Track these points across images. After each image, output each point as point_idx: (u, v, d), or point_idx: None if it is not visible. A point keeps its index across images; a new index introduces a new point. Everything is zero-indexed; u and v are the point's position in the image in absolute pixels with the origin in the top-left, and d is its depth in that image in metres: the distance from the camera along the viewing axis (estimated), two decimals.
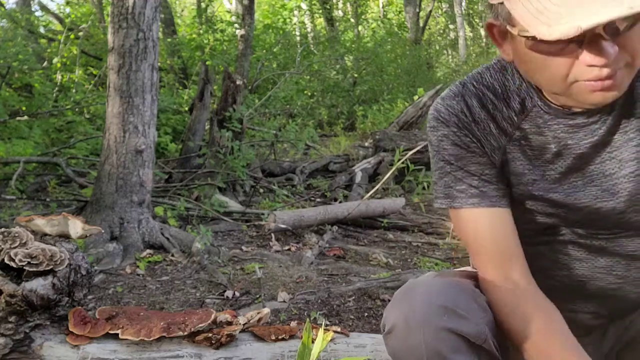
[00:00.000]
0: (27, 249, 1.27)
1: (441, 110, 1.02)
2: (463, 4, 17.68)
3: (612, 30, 0.79)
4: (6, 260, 1.24)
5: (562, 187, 1.00)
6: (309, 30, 15.67)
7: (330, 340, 1.38)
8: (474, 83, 1.02)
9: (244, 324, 1.40)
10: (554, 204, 1.01)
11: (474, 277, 1.08)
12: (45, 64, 7.68)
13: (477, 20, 20.37)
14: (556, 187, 1.00)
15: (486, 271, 1.02)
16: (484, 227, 1.01)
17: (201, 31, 10.85)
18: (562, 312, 1.10)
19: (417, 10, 14.34)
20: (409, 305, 0.91)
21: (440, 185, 1.04)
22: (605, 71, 0.82)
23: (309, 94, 10.59)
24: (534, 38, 0.82)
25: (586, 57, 0.81)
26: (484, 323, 0.92)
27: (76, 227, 1.38)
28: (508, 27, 0.87)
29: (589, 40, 0.80)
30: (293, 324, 1.47)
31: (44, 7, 11.51)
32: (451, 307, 0.90)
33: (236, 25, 9.78)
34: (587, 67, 0.82)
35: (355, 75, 11.57)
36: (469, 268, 1.30)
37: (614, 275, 1.03)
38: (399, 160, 4.36)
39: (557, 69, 0.85)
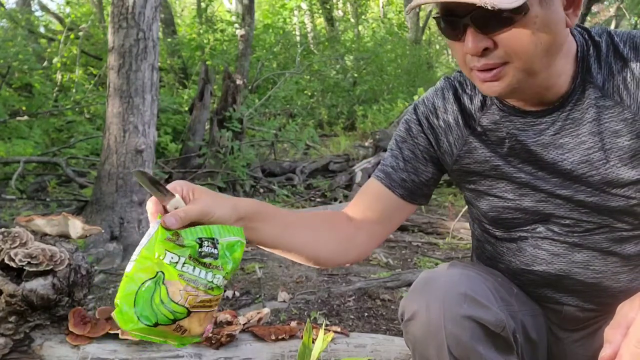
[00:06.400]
0: (27, 249, 1.27)
1: (418, 101, 1.15)
2: None
3: (478, 22, 0.86)
4: (6, 260, 1.24)
5: (524, 172, 1.04)
6: (309, 30, 15.64)
7: (331, 340, 1.38)
8: (455, 77, 1.12)
9: (244, 324, 1.39)
10: (521, 184, 1.05)
11: (492, 273, 1.12)
12: (45, 64, 7.68)
13: None
14: (519, 170, 1.04)
15: (348, 208, 1.20)
16: (370, 192, 1.18)
17: (201, 31, 10.84)
18: (549, 304, 1.14)
19: (417, 10, 14.31)
20: (431, 293, 0.93)
21: (383, 158, 1.19)
22: (481, 62, 0.89)
23: (309, 94, 10.58)
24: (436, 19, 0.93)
25: (462, 45, 0.90)
26: (503, 312, 0.94)
27: (76, 227, 1.38)
28: None
29: (463, 29, 0.88)
30: (293, 324, 1.47)
31: (44, 7, 11.52)
32: (471, 295, 0.92)
33: (236, 25, 9.76)
34: (468, 55, 0.91)
35: (355, 75, 11.57)
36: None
37: (591, 270, 1.05)
38: None
39: (458, 54, 0.94)
